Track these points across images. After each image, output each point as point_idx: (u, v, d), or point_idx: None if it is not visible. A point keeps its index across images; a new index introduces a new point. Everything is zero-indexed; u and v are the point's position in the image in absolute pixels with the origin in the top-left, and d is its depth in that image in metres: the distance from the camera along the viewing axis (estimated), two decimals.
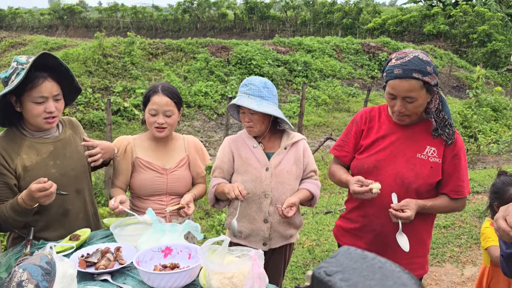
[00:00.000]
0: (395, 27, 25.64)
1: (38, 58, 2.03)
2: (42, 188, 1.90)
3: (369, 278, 0.51)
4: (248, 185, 2.40)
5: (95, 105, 11.25)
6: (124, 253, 1.93)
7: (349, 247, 0.60)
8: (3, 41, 18.46)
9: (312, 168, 2.56)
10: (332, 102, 14.43)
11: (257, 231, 2.45)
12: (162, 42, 15.73)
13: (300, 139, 2.53)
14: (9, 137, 2.15)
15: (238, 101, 2.34)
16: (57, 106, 2.13)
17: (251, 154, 2.45)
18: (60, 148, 2.23)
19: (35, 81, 2.04)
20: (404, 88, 2.00)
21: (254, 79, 2.42)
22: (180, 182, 2.54)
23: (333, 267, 0.55)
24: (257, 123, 2.38)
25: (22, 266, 1.50)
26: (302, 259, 4.42)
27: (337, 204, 6.13)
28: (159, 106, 2.40)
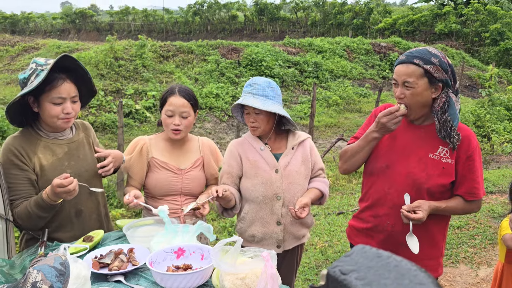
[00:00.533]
0: (406, 27, 25.45)
1: (59, 60, 2.07)
2: (60, 184, 1.92)
3: (385, 276, 0.51)
4: (258, 188, 2.39)
5: (107, 108, 11.34)
6: (137, 254, 1.95)
7: (364, 246, 0.59)
8: (17, 45, 18.70)
9: (320, 166, 2.56)
10: (343, 102, 14.36)
11: (270, 234, 2.43)
12: (173, 45, 15.81)
13: (306, 138, 2.52)
14: (26, 137, 2.18)
15: (243, 101, 2.33)
16: (74, 107, 2.17)
17: (259, 157, 2.43)
18: (74, 149, 2.27)
19: (54, 82, 2.07)
20: (403, 72, 2.01)
21: (258, 79, 2.41)
22: (194, 183, 2.56)
23: (348, 266, 0.55)
24: (262, 123, 2.37)
25: (36, 267, 1.52)
26: (314, 260, 4.40)
27: (349, 205, 6.10)
28: (176, 107, 2.43)
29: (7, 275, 1.82)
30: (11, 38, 21.24)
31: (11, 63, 16.84)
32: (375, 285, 0.50)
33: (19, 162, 2.10)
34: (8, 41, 19.70)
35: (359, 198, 2.46)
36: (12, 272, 1.87)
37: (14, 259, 1.97)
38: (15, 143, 2.14)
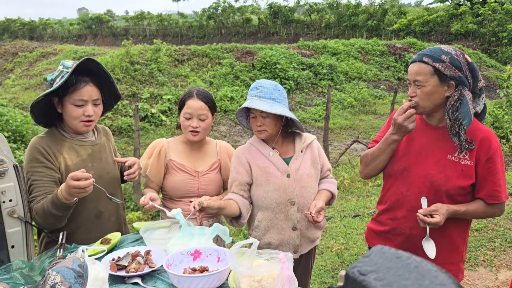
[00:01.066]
0: (422, 28, 25.20)
1: (82, 62, 2.11)
2: (75, 176, 1.87)
3: (405, 277, 0.50)
4: (272, 195, 2.34)
5: (123, 112, 11.46)
6: (154, 257, 1.95)
7: (383, 246, 0.59)
8: (35, 51, 19.08)
9: (328, 167, 2.53)
10: (358, 104, 14.29)
11: (287, 240, 2.39)
12: (188, 49, 15.93)
13: (313, 139, 2.48)
14: (51, 137, 2.22)
15: (250, 104, 2.26)
16: (96, 110, 2.20)
17: (269, 163, 2.37)
18: (97, 151, 2.32)
19: (77, 85, 2.11)
20: (413, 71, 2.00)
21: (264, 82, 2.36)
22: (211, 185, 2.57)
23: (367, 267, 0.54)
24: (269, 126, 2.31)
25: (55, 269, 1.54)
26: (330, 263, 4.38)
27: (365, 207, 6.05)
28: (194, 110, 2.45)
29: (26, 276, 1.85)
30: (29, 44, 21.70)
31: (30, 68, 17.17)
32: (395, 286, 0.49)
33: (44, 160, 2.13)
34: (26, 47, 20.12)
35: (377, 201, 2.43)
36: (32, 274, 1.89)
37: (34, 261, 2.00)
38: (41, 142, 2.17)
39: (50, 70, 15.76)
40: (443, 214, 1.96)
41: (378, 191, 6.73)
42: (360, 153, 9.38)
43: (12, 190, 1.93)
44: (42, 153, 2.12)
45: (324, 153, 2.54)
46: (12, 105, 10.35)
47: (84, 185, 1.87)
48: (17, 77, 16.04)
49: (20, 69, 17.59)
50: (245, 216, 2.42)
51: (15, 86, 14.46)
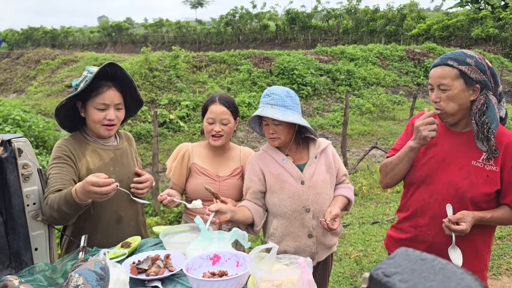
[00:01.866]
0: (441, 32, 24.90)
1: (105, 67, 2.16)
2: (95, 182, 1.81)
3: (430, 279, 0.50)
4: (286, 202, 2.32)
5: (142, 118, 11.60)
6: (173, 260, 1.97)
7: (407, 249, 0.59)
8: (57, 59, 19.49)
9: (343, 172, 2.50)
10: (376, 110, 14.17)
11: (303, 247, 2.36)
12: (206, 55, 16.06)
13: (327, 145, 2.45)
14: (76, 140, 2.27)
15: (261, 112, 2.24)
16: (117, 114, 2.24)
17: (283, 170, 2.34)
18: (119, 156, 2.35)
19: (100, 89, 2.16)
20: (437, 74, 1.96)
21: (276, 88, 2.33)
22: (232, 191, 2.59)
23: (392, 268, 0.54)
24: (282, 134, 2.29)
25: (78, 271, 1.56)
26: (349, 270, 4.33)
27: (384, 214, 5.98)
28: (216, 114, 2.49)
29: (49, 279, 1.88)
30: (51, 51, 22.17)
31: (52, 75, 17.54)
32: (420, 287, 0.49)
33: (68, 159, 2.16)
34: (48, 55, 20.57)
35: (397, 208, 2.39)
36: (54, 276, 1.92)
37: (56, 263, 2.03)
38: (67, 143, 2.22)
39: (72, 77, 16.06)
40: (469, 222, 1.92)
41: (397, 197, 6.64)
42: (378, 159, 9.29)
43: (36, 193, 1.98)
44: (66, 152, 2.17)
45: (339, 158, 2.50)
46: (35, 111, 10.58)
47: (106, 191, 1.84)
48: (39, 84, 16.39)
49: (43, 76, 17.98)
50: (258, 224, 2.41)
51: (38, 93, 14.78)
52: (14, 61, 21.79)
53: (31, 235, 1.98)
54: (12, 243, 1.94)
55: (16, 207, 1.91)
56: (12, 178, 1.90)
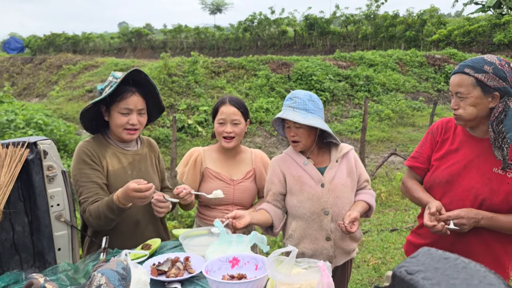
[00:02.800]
0: (462, 38, 24.53)
1: (130, 73, 2.21)
2: (138, 189, 1.97)
3: (453, 277, 0.51)
4: (305, 204, 2.34)
5: (161, 123, 11.72)
6: (193, 263, 1.99)
7: (429, 248, 0.59)
8: (78, 64, 19.88)
9: (365, 178, 2.50)
10: (395, 116, 14.03)
11: (320, 250, 2.37)
12: (224, 61, 16.16)
13: (349, 149, 2.46)
14: (97, 142, 2.33)
15: (283, 115, 2.29)
16: (140, 119, 2.29)
17: (303, 172, 2.37)
18: (137, 161, 2.39)
19: (124, 94, 2.22)
20: (455, 82, 1.96)
21: (299, 92, 2.36)
22: (246, 193, 2.61)
23: (414, 266, 0.55)
24: (302, 137, 2.32)
25: (100, 271, 1.59)
26: (367, 277, 4.29)
27: (403, 222, 5.91)
28: (227, 115, 2.52)
29: (71, 278, 1.92)
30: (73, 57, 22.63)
31: (73, 80, 17.88)
32: (443, 285, 0.50)
33: (91, 162, 2.22)
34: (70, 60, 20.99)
35: (418, 214, 2.38)
36: (76, 276, 1.97)
37: (78, 264, 2.08)
38: (88, 145, 2.29)
39: (92, 81, 16.35)
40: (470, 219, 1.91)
41: (416, 205, 6.55)
42: (397, 166, 9.19)
43: (60, 195, 2.03)
44: (89, 155, 2.22)
45: (361, 164, 2.50)
46: (56, 115, 10.80)
47: (150, 194, 2.01)
48: (61, 89, 16.73)
49: (64, 81, 18.36)
50: (277, 226, 2.44)
51: (59, 98, 15.08)
52: (37, 67, 22.31)
53: (55, 235, 2.03)
54: (37, 243, 1.99)
55: (41, 207, 1.96)
56: (38, 180, 1.95)
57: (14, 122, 6.10)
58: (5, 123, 6.00)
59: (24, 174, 1.94)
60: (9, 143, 1.93)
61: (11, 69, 23.22)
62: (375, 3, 28.24)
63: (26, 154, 1.93)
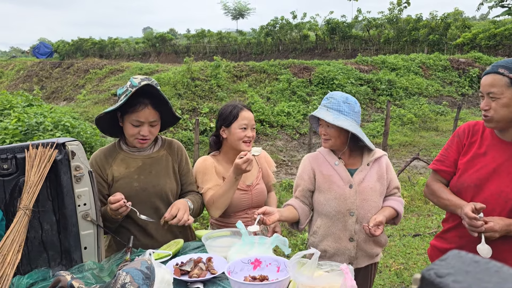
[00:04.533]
0: (488, 41, 24.02)
1: (142, 87, 2.21)
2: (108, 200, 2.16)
3: (485, 280, 0.50)
4: (332, 203, 2.37)
5: (184, 126, 11.84)
6: (215, 263, 2.01)
7: (459, 251, 0.59)
8: (104, 68, 20.26)
9: (395, 184, 2.50)
10: (418, 120, 13.82)
11: (342, 250, 2.40)
12: (246, 65, 16.23)
13: (382, 155, 2.47)
14: (108, 151, 2.42)
15: (315, 113, 2.37)
16: (152, 130, 2.32)
17: (333, 171, 2.41)
18: (147, 164, 2.40)
19: (136, 107, 2.24)
20: (487, 82, 1.92)
21: (336, 93, 2.41)
22: (261, 196, 2.69)
23: (444, 269, 0.54)
24: (332, 137, 2.37)
25: (125, 269, 1.62)
26: (389, 283, 4.24)
27: (426, 227, 5.81)
28: (249, 120, 2.57)
29: (97, 277, 1.95)
30: (99, 61, 23.08)
31: (99, 84, 18.24)
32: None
33: (95, 174, 2.29)
34: (97, 65, 21.42)
35: (443, 219, 2.34)
36: (101, 275, 2.00)
37: (103, 263, 2.12)
38: (95, 157, 2.40)
39: (117, 85, 16.63)
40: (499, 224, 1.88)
41: (440, 210, 6.44)
42: (420, 170, 9.05)
43: (86, 194, 2.07)
44: (93, 166, 2.34)
45: (393, 171, 2.51)
46: (83, 118, 11.02)
47: (115, 207, 2.13)
48: (88, 92, 17.07)
49: (91, 85, 18.73)
50: (303, 222, 2.49)
51: (86, 101, 15.39)
52: (65, 71, 22.83)
53: (81, 234, 2.07)
54: (64, 241, 2.03)
55: (68, 206, 2.00)
56: (65, 179, 2.00)
57: (42, 125, 6.25)
58: (34, 125, 6.15)
59: (53, 174, 1.99)
60: (38, 144, 1.98)
61: (40, 73, 23.82)
62: (398, 6, 27.91)
63: (55, 154, 1.97)
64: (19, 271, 1.91)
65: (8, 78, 25.77)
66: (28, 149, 1.95)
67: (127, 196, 2.25)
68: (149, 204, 2.35)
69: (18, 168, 1.93)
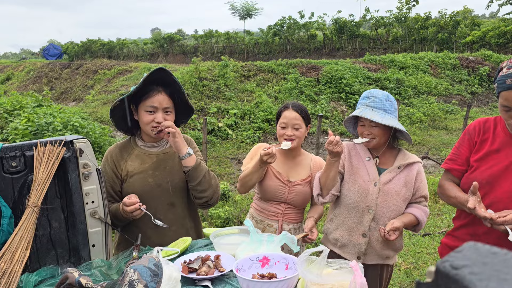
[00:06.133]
0: (498, 39, 23.79)
1: (156, 72, 2.25)
2: (124, 202, 2.15)
3: (504, 272, 0.48)
4: (353, 195, 2.40)
5: (192, 125, 11.85)
6: (223, 261, 2.00)
7: (475, 243, 0.57)
8: (113, 69, 20.35)
9: (423, 193, 2.43)
10: (427, 119, 13.72)
11: (353, 243, 2.42)
12: (254, 64, 16.22)
13: (416, 161, 2.43)
14: (124, 146, 2.42)
15: (361, 113, 2.32)
16: (166, 118, 2.31)
17: (363, 165, 2.43)
18: (162, 160, 2.40)
19: (150, 93, 2.27)
20: None
21: (376, 91, 2.40)
22: (299, 196, 2.69)
23: (460, 261, 0.52)
24: (377, 136, 2.36)
25: (133, 266, 1.61)
26: (399, 282, 4.20)
27: (436, 227, 5.76)
28: (289, 119, 2.63)
29: (105, 275, 1.95)
30: (108, 62, 23.20)
31: (108, 84, 18.32)
32: (493, 280, 0.47)
33: (109, 169, 2.35)
34: (105, 65, 21.53)
35: (454, 216, 2.31)
36: (109, 272, 2.00)
37: (111, 260, 2.11)
38: (112, 150, 2.42)
39: (126, 86, 16.70)
40: None
41: (449, 209, 6.38)
42: (429, 169, 8.97)
43: (94, 192, 2.07)
44: (108, 161, 2.37)
45: (424, 179, 2.45)
46: (92, 118, 11.08)
47: (130, 210, 2.12)
48: (96, 93, 17.16)
49: (100, 86, 18.83)
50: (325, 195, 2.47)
51: (95, 101, 15.47)
52: (74, 72, 22.98)
53: (89, 231, 2.06)
54: (72, 238, 2.03)
55: (76, 204, 2.00)
56: (74, 177, 2.00)
57: (52, 125, 6.29)
58: (44, 125, 6.19)
59: (61, 172, 1.99)
60: (47, 141, 1.98)
61: (50, 74, 24.00)
62: (406, 5, 27.74)
63: (63, 152, 1.98)
64: (27, 268, 1.92)
65: (18, 79, 26.00)
66: (36, 147, 1.95)
67: (141, 191, 2.28)
68: (163, 200, 2.36)
69: (26, 166, 1.94)
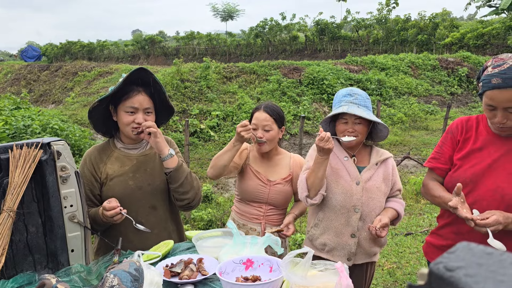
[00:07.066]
0: (476, 41, 24.25)
1: (136, 71, 2.21)
2: (105, 207, 2.10)
3: (500, 273, 0.46)
4: (338, 197, 2.38)
5: (174, 127, 11.75)
6: (206, 264, 1.96)
7: (469, 243, 0.55)
8: (93, 71, 20.06)
9: (398, 187, 2.51)
10: (408, 120, 13.89)
11: (342, 245, 2.41)
12: (236, 66, 16.18)
13: (389, 156, 2.50)
14: (103, 148, 2.37)
15: (349, 110, 2.28)
16: (147, 118, 2.27)
17: (342, 166, 2.42)
18: (142, 162, 2.35)
19: (130, 93, 2.23)
20: (504, 98, 1.81)
21: (357, 90, 2.41)
22: (280, 195, 2.68)
23: (454, 263, 0.50)
24: (360, 134, 2.36)
25: (113, 271, 1.57)
26: (382, 282, 4.22)
27: (417, 226, 5.82)
28: (259, 121, 2.62)
29: (84, 280, 1.90)
30: (88, 64, 22.86)
31: (88, 87, 18.06)
32: (490, 282, 0.45)
33: (87, 172, 2.30)
34: (85, 67, 21.22)
35: (438, 215, 2.32)
36: (89, 278, 1.94)
37: (91, 265, 2.05)
38: (91, 153, 2.36)
39: (106, 88, 16.47)
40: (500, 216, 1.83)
41: (431, 209, 6.45)
42: (411, 169, 9.07)
43: (73, 195, 2.01)
44: (87, 165, 2.32)
45: (397, 173, 2.53)
46: (72, 121, 10.87)
47: (111, 215, 2.08)
48: (76, 95, 16.89)
49: (79, 88, 18.54)
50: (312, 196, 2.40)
51: (75, 103, 15.22)
52: (53, 74, 22.57)
53: (68, 236, 2.00)
54: (50, 244, 1.97)
55: (54, 208, 1.94)
56: (51, 180, 1.93)
57: (30, 127, 6.15)
58: (22, 128, 6.05)
59: (38, 175, 1.92)
60: (23, 144, 1.91)
61: (28, 77, 23.52)
62: (386, 7, 28.09)
63: (40, 154, 1.91)
64: (3, 275, 1.85)
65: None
66: (12, 150, 1.88)
67: (122, 194, 2.23)
68: (145, 203, 2.31)
69: (1, 169, 1.87)
